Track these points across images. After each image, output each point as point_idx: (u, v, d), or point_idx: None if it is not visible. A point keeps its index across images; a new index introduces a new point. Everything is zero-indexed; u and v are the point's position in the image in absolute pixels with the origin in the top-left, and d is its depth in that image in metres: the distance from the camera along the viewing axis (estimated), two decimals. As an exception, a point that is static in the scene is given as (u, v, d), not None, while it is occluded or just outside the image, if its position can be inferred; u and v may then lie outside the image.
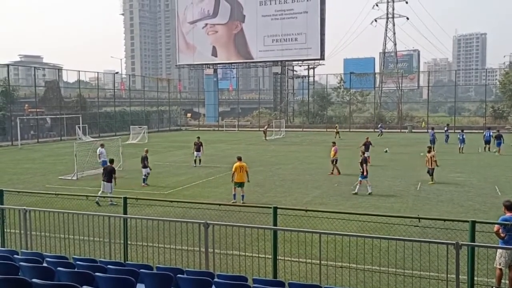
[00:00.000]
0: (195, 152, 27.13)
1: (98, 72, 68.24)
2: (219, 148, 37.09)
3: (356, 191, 18.24)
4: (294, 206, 15.66)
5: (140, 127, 47.49)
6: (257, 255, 9.14)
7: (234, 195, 16.99)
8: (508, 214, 8.92)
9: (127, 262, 8.34)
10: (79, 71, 54.13)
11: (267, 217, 9.24)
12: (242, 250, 9.36)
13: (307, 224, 10.46)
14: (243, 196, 16.83)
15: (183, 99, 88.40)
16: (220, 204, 10.36)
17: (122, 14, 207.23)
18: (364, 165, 18.44)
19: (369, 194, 17.96)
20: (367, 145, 26.35)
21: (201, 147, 27.24)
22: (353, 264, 8.47)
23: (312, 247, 8.43)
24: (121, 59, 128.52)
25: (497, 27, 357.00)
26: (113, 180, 16.67)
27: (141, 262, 8.31)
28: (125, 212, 9.22)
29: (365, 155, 19.94)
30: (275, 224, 8.56)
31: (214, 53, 71.83)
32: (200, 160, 26.94)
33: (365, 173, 18.41)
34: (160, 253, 9.19)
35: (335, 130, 48.05)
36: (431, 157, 20.67)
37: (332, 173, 23.32)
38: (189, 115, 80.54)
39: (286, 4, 66.64)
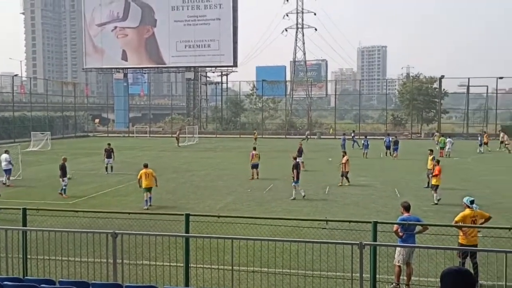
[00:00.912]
0: (105, 159, 26.11)
1: (-6, 74, 63.33)
2: (129, 155, 35.95)
3: (293, 196, 18.45)
4: (207, 213, 15.60)
5: (42, 134, 44.68)
6: (168, 264, 8.95)
7: (146, 200, 16.98)
8: (405, 214, 9.58)
9: (26, 277, 7.77)
10: (-28, 72, 49.84)
11: (179, 224, 9.10)
12: (153, 259, 9.09)
13: (220, 230, 10.45)
14: (150, 198, 17.00)
15: (90, 104, 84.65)
16: (129, 213, 10.04)
17: (23, 13, 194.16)
18: (295, 170, 18.77)
19: (303, 197, 18.35)
20: (300, 151, 26.68)
21: (112, 154, 26.27)
22: (265, 268, 8.60)
23: (225, 253, 8.43)
24: (21, 61, 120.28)
25: (395, 41, 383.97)
26: None
27: (42, 277, 7.78)
28: (24, 224, 8.60)
29: (297, 160, 20.29)
30: (187, 231, 8.46)
31: (124, 57, 69.70)
32: (112, 167, 25.97)
33: (295, 178, 18.70)
34: (64, 266, 8.68)
35: (254, 136, 48.74)
36: (345, 161, 21.76)
37: (252, 178, 23.62)
38: (97, 120, 77.24)
39: (199, 10, 66.51)
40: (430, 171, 20.14)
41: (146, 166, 17.65)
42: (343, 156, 22.36)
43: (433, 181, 18.26)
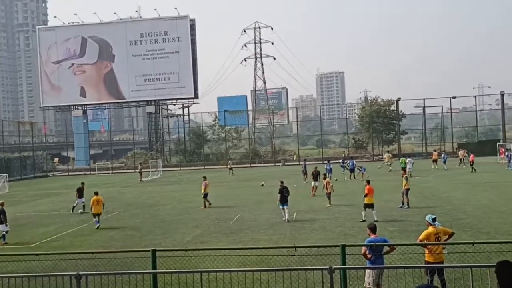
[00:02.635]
0: (77, 199, 25.02)
1: None
2: (90, 194, 34.96)
3: (286, 217, 19.33)
4: (174, 247, 15.29)
5: (-1, 176, 43.07)
6: (136, 303, 8.67)
7: (97, 222, 19.94)
8: (372, 236, 9.68)
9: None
10: None
11: (146, 261, 8.87)
12: (120, 300, 8.80)
13: (188, 265, 10.25)
14: (97, 221, 19.93)
15: (49, 143, 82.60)
16: (93, 253, 9.72)
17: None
18: (279, 194, 19.88)
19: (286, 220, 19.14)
20: (315, 175, 27.65)
21: (83, 193, 25.33)
22: (236, 300, 8.44)
23: (194, 287, 8.25)
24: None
25: (352, 66, 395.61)
26: None
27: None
28: (-19, 272, 8.18)
29: (283, 185, 20.70)
30: (154, 267, 8.26)
31: (83, 94, 68.71)
32: (84, 207, 24.71)
33: (278, 202, 19.84)
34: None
35: (228, 166, 48.69)
36: (326, 183, 23.08)
37: (204, 207, 24.18)
38: (56, 160, 75.19)
39: (157, 44, 66.71)
40: (405, 190, 21.40)
41: (96, 193, 20.45)
42: (324, 178, 24.01)
43: (365, 200, 18.99)
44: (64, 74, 68.31)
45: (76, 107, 70.68)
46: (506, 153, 41.67)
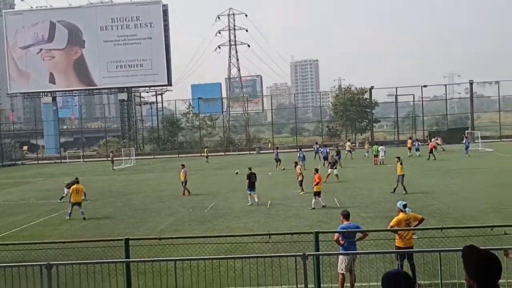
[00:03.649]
0: (65, 189, 24.49)
1: None
2: (62, 182, 34.38)
3: (256, 200, 20.18)
4: (147, 236, 15.19)
5: (-34, 165, 41.86)
6: (109, 293, 8.59)
7: (70, 213, 18.96)
8: (345, 223, 9.82)
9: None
10: None
11: (119, 250, 8.79)
12: (92, 289, 8.70)
13: (162, 253, 10.20)
14: (82, 212, 18.88)
15: (17, 130, 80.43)
16: (64, 242, 9.56)
17: None
18: (247, 180, 20.59)
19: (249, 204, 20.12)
20: (333, 163, 28.08)
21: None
22: (210, 287, 8.45)
23: (168, 276, 8.21)
24: None
25: (326, 54, 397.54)
26: None
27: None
28: None
29: (251, 171, 21.35)
30: (127, 256, 8.19)
31: (52, 80, 67.01)
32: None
33: (247, 187, 20.59)
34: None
35: (204, 154, 48.69)
36: (300, 169, 23.62)
37: (183, 194, 24.14)
38: (25, 148, 73.45)
39: (129, 30, 65.44)
40: (400, 177, 21.62)
41: (77, 182, 19.82)
42: (295, 167, 24.45)
43: (315, 189, 19.23)
44: (32, 60, 66.41)
45: (45, 93, 68.92)
46: (464, 141, 42.06)
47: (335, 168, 27.49)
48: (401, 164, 22.15)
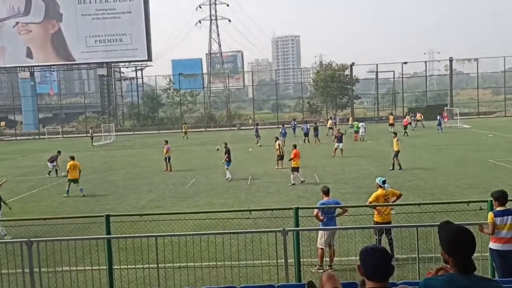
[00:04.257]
0: (49, 163, 24.54)
1: None
2: (41, 158, 33.95)
3: (228, 177, 20.74)
4: (128, 212, 15.20)
5: None
6: (90, 268, 8.63)
7: (68, 190, 18.70)
8: (325, 199, 9.96)
9: None
10: None
11: (100, 226, 8.79)
12: (73, 265, 8.71)
13: (144, 229, 10.24)
14: (81, 189, 18.75)
15: (-6, 106, 78.73)
16: (45, 219, 9.51)
17: None
18: (227, 154, 21.18)
19: (229, 180, 20.54)
20: (339, 138, 27.67)
21: (56, 161, 24.55)
22: (191, 263, 8.55)
23: (149, 252, 8.28)
24: None
25: (307, 30, 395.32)
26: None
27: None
28: None
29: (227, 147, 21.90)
30: (108, 233, 8.19)
31: (29, 55, 65.36)
32: (57, 171, 24.23)
33: (225, 161, 21.21)
34: (-25, 282, 8.06)
35: (184, 130, 48.58)
36: (279, 145, 24.00)
37: (166, 170, 24.28)
38: (3, 123, 72.07)
39: (108, 3, 63.87)
40: (395, 153, 21.79)
41: (73, 158, 19.34)
42: (275, 142, 24.78)
43: (292, 164, 19.58)
44: (8, 34, 64.51)
45: (23, 68, 67.30)
46: (438, 117, 42.07)
47: (341, 142, 27.48)
48: (397, 140, 22.32)
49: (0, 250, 7.81)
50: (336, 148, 27.33)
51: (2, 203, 13.40)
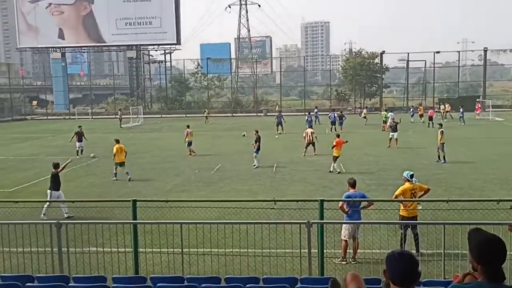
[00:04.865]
0: (77, 143, 25.55)
1: None
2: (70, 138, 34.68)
3: (255, 164, 20.80)
4: (154, 196, 15.43)
5: (-25, 118, 42.19)
6: (116, 250, 8.80)
7: (115, 173, 18.65)
8: (351, 191, 9.87)
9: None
10: None
11: (127, 210, 8.93)
12: (100, 246, 8.91)
13: (168, 214, 10.37)
14: (127, 173, 18.57)
15: (27, 85, 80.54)
16: (73, 201, 9.73)
17: None
18: (257, 142, 21.13)
19: (255, 167, 20.60)
20: (394, 127, 27.10)
21: (83, 137, 25.91)
22: (215, 249, 8.64)
23: (174, 237, 8.38)
24: None
25: (338, 16, 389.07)
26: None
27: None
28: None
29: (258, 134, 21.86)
30: (134, 218, 8.33)
31: (61, 36, 66.44)
32: (82, 151, 25.45)
33: (255, 149, 21.13)
34: (6, 258, 8.33)
35: (205, 115, 49.06)
36: (306, 133, 24.01)
37: (189, 154, 24.73)
38: (35, 103, 73.73)
39: (139, -14, 64.21)
40: (441, 144, 21.28)
41: (118, 141, 19.41)
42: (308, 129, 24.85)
43: (334, 153, 19.42)
44: (41, 14, 65.66)
45: (54, 49, 68.51)
46: (460, 109, 40.98)
47: (396, 131, 26.73)
48: (441, 132, 21.50)
49: (30, 230, 8.03)
50: (391, 138, 26.55)
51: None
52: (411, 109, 46.54)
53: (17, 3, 66.93)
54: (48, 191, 13.11)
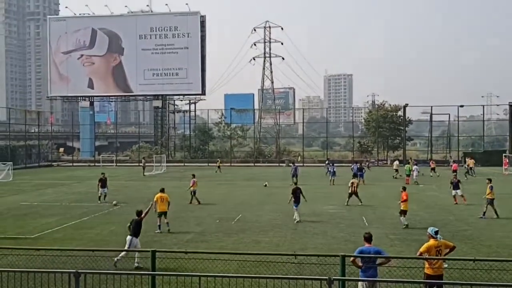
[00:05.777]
0: (100, 189, 26.26)
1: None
2: (95, 185, 35.13)
3: (296, 219, 19.73)
4: (174, 245, 15.35)
5: (4, 164, 43.28)
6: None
7: (159, 225, 17.78)
8: (366, 245, 9.61)
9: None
10: None
11: (146, 260, 8.88)
12: (118, 297, 8.81)
13: (187, 265, 10.25)
14: (167, 223, 17.86)
15: (55, 132, 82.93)
16: (93, 250, 9.72)
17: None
18: (293, 194, 20.30)
19: (297, 222, 19.50)
20: (456, 184, 25.06)
21: (106, 183, 26.54)
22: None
23: (192, 289, 8.25)
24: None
25: (360, 69, 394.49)
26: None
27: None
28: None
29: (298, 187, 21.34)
30: (153, 268, 8.26)
31: (91, 85, 68.93)
32: (105, 196, 26.18)
33: (293, 202, 20.20)
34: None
35: (217, 164, 49.59)
36: (352, 183, 24.61)
37: (191, 203, 24.98)
38: (61, 149, 75.56)
39: (167, 39, 66.76)
40: (488, 200, 20.63)
41: (162, 190, 18.69)
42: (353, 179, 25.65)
43: (402, 207, 18.79)
44: (73, 65, 68.55)
45: (84, 98, 70.96)
46: (470, 166, 42.12)
47: (458, 188, 24.76)
48: (491, 188, 20.76)
49: (49, 279, 8.02)
50: (454, 195, 24.80)
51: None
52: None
53: (50, 54, 70.11)
54: (129, 237, 12.99)
